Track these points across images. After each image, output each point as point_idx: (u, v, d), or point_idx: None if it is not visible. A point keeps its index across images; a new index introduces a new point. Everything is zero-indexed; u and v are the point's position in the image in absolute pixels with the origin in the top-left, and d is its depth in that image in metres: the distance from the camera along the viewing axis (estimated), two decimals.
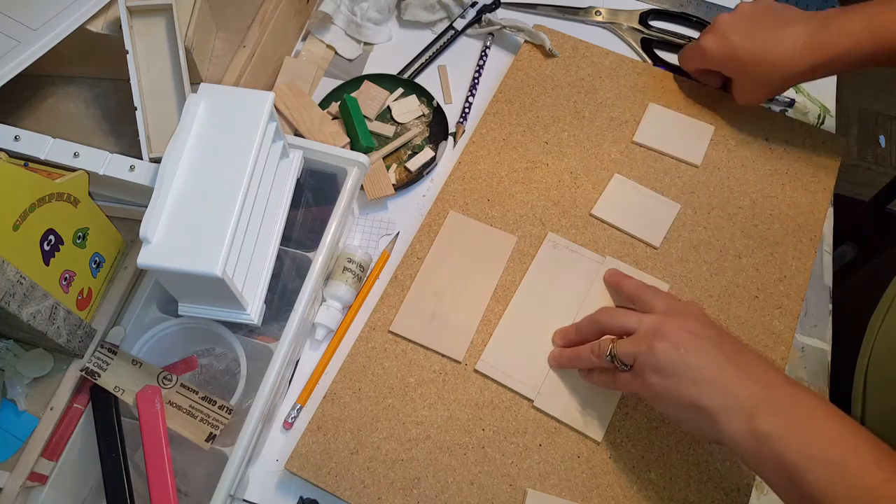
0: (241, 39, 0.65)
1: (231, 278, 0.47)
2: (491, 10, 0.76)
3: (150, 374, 0.52)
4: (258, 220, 0.52)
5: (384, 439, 0.55)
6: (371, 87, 0.71)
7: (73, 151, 0.50)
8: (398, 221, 0.66)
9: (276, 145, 0.54)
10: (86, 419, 0.52)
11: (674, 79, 0.71)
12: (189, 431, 0.50)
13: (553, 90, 0.71)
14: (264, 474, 0.55)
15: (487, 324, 0.59)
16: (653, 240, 0.62)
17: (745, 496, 0.53)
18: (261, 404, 0.49)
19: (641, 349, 0.48)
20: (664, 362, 0.47)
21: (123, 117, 0.59)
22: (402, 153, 0.69)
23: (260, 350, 0.53)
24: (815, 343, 0.61)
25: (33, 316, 0.45)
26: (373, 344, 0.58)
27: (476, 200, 0.65)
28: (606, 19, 0.78)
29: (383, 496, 0.53)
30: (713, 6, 0.79)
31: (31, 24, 0.54)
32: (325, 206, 0.57)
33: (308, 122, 0.67)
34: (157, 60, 0.57)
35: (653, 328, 0.49)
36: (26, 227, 0.45)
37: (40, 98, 0.62)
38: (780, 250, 0.63)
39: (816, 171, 0.67)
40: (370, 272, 0.63)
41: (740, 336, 0.59)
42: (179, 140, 0.48)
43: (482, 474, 0.54)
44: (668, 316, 0.50)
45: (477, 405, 0.56)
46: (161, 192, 0.46)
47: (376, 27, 0.76)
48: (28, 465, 0.48)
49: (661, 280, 0.61)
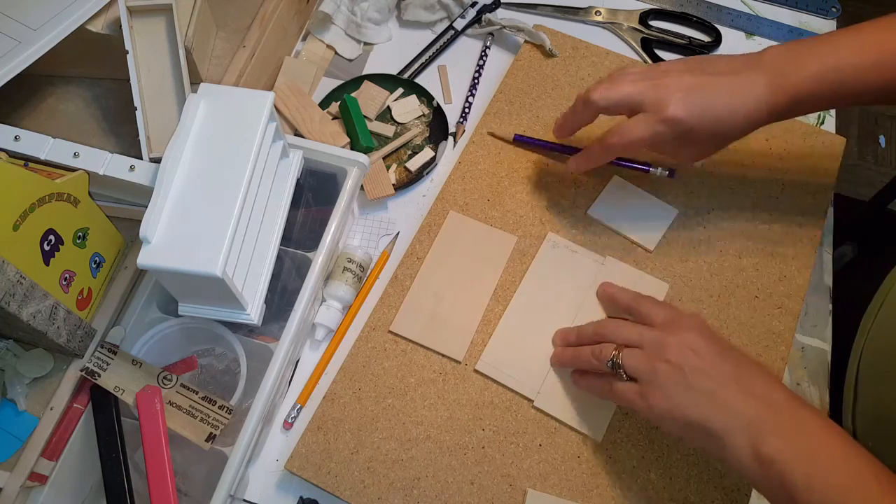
0: (241, 39, 0.65)
1: (231, 278, 0.47)
2: (491, 10, 0.76)
3: (150, 374, 0.52)
4: (258, 220, 0.52)
5: (384, 439, 0.55)
6: (371, 87, 0.71)
7: (73, 151, 0.50)
8: (398, 221, 0.66)
9: (276, 145, 0.54)
10: (86, 419, 0.52)
11: None
12: (189, 431, 0.50)
13: (553, 90, 0.71)
14: (264, 474, 0.55)
15: (487, 324, 0.59)
16: (647, 243, 0.62)
17: (746, 496, 0.53)
18: (261, 404, 0.49)
19: (644, 368, 0.48)
20: (667, 384, 0.46)
21: (123, 117, 0.59)
22: (402, 153, 0.69)
23: (260, 350, 0.53)
24: (815, 343, 0.61)
25: (33, 316, 0.45)
26: (373, 344, 0.58)
27: (476, 200, 0.65)
28: (606, 19, 0.78)
29: (383, 496, 0.53)
30: (713, 6, 0.79)
31: (31, 24, 0.54)
32: (325, 206, 0.57)
33: (308, 122, 0.67)
34: (157, 60, 0.57)
35: (654, 345, 0.48)
36: (26, 227, 0.45)
37: (40, 98, 0.62)
38: (780, 250, 0.63)
39: (816, 171, 0.67)
40: (370, 272, 0.63)
41: (740, 336, 0.59)
42: (179, 140, 0.48)
43: (482, 474, 0.54)
44: (668, 331, 0.49)
45: (477, 405, 0.56)
46: (161, 192, 0.46)
47: (376, 27, 0.76)
48: (28, 465, 0.48)
49: (662, 280, 0.61)
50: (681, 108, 0.50)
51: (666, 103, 0.50)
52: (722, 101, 0.51)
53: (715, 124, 0.51)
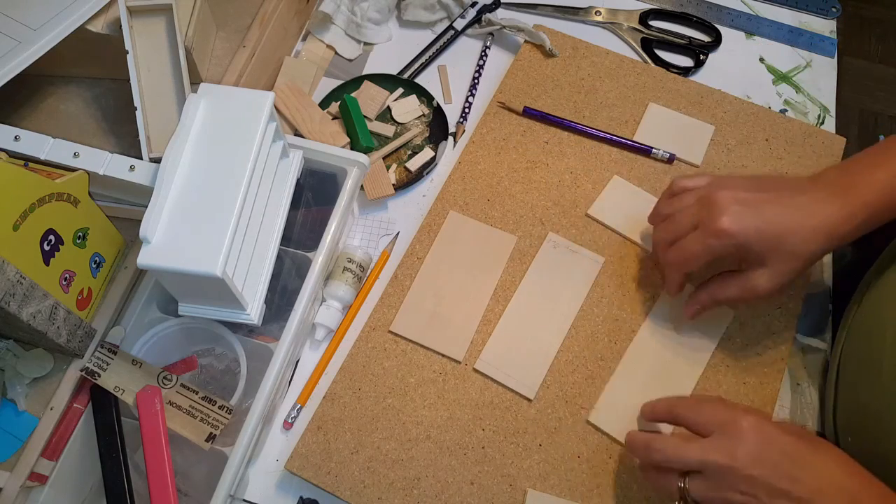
0: (241, 39, 0.65)
1: (231, 278, 0.47)
2: (491, 10, 0.76)
3: (150, 374, 0.52)
4: (258, 220, 0.52)
5: (384, 439, 0.55)
6: (371, 87, 0.71)
7: (73, 151, 0.50)
8: (398, 221, 0.66)
9: (276, 145, 0.54)
10: (86, 419, 0.52)
11: (674, 79, 0.71)
12: (189, 431, 0.50)
13: (553, 90, 0.71)
14: (264, 474, 0.55)
15: (487, 324, 0.59)
16: (647, 244, 0.62)
17: None
18: (261, 404, 0.49)
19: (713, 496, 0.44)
20: None
21: (123, 117, 0.59)
22: (402, 153, 0.69)
23: (260, 350, 0.53)
24: (815, 343, 0.61)
25: (33, 316, 0.45)
26: (373, 344, 0.58)
27: (476, 200, 0.65)
28: (606, 19, 0.78)
29: (383, 496, 0.53)
30: (713, 6, 0.79)
31: (31, 24, 0.54)
32: (325, 206, 0.57)
33: (308, 122, 0.67)
34: (157, 60, 0.57)
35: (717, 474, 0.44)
36: (26, 227, 0.45)
37: (40, 98, 0.62)
38: None
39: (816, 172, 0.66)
40: (370, 272, 0.63)
41: (741, 336, 0.59)
42: (179, 140, 0.48)
43: (482, 474, 0.54)
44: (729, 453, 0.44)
45: (477, 405, 0.56)
46: (161, 192, 0.46)
47: (376, 27, 0.76)
48: (28, 465, 0.48)
49: None
50: (732, 221, 0.48)
51: (716, 217, 0.49)
52: (784, 214, 0.48)
53: (775, 240, 0.48)
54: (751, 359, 0.58)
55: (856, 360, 0.54)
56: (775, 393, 0.57)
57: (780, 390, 0.57)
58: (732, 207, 0.49)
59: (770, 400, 0.56)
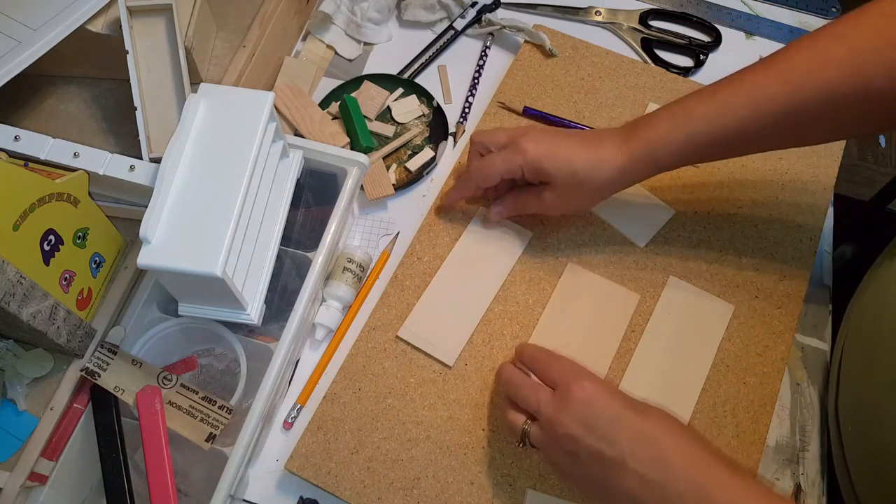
0: (241, 39, 0.65)
1: (231, 278, 0.47)
2: (491, 10, 0.76)
3: (150, 374, 0.52)
4: (258, 220, 0.52)
5: (384, 439, 0.55)
6: (371, 87, 0.71)
7: (73, 151, 0.50)
8: (398, 221, 0.66)
9: (276, 145, 0.54)
10: (86, 419, 0.52)
11: (674, 79, 0.71)
12: (189, 431, 0.50)
13: (553, 90, 0.71)
14: (264, 474, 0.55)
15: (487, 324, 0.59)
16: (638, 239, 0.62)
17: None
18: (261, 404, 0.49)
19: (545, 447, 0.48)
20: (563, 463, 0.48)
21: (123, 117, 0.59)
22: (402, 153, 0.69)
23: (260, 350, 0.53)
24: (815, 343, 0.61)
25: (33, 316, 0.45)
26: (373, 344, 0.58)
27: (476, 200, 0.65)
28: (606, 19, 0.78)
29: (383, 496, 0.53)
30: (713, 6, 0.79)
31: (31, 24, 0.54)
32: (325, 206, 0.57)
33: (308, 122, 0.67)
34: (157, 60, 0.57)
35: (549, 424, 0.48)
36: (26, 227, 0.45)
37: (40, 98, 0.62)
38: (780, 250, 0.63)
39: (816, 171, 0.67)
40: (370, 272, 0.63)
41: (740, 336, 0.59)
42: (179, 140, 0.48)
43: (482, 474, 0.54)
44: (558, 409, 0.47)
45: (477, 405, 0.56)
46: (161, 192, 0.46)
47: (376, 27, 0.76)
48: (28, 465, 0.48)
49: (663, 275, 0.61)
50: (532, 142, 0.56)
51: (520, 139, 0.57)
52: (574, 145, 0.56)
53: (564, 163, 0.55)
54: (751, 359, 0.58)
55: (855, 351, 0.55)
56: (775, 393, 0.57)
57: (780, 390, 0.57)
58: (534, 134, 0.57)
59: (770, 400, 0.56)
